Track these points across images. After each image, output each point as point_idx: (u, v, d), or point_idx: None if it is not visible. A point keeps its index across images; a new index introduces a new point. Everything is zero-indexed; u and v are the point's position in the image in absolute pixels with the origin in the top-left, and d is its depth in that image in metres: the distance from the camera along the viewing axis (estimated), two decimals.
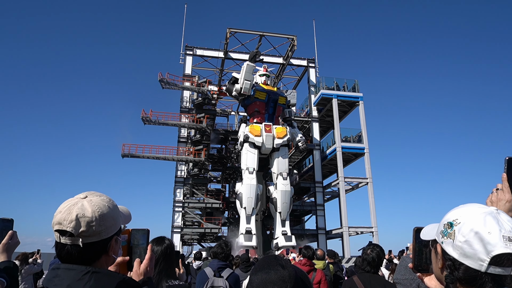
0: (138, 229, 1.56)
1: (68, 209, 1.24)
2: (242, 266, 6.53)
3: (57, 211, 1.27)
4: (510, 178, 1.28)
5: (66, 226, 1.21)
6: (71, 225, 1.21)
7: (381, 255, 3.61)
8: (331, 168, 34.91)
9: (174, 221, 28.87)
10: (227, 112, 39.15)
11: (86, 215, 1.23)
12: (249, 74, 23.52)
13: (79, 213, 1.23)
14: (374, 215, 29.94)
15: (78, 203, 1.26)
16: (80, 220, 1.22)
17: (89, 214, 1.24)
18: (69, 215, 1.22)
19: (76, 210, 1.23)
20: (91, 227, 1.23)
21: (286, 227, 23.43)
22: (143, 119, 27.67)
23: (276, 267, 1.31)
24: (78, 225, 1.21)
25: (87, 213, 1.24)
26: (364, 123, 32.35)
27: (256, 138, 23.81)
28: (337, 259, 8.70)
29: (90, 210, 1.25)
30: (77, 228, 1.21)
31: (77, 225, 1.21)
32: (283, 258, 1.43)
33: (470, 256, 0.95)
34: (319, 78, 34.57)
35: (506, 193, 1.27)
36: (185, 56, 33.16)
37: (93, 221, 1.24)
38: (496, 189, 1.31)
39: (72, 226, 1.21)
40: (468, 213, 1.00)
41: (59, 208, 1.28)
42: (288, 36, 30.77)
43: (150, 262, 1.50)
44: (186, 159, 29.28)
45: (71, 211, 1.23)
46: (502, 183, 1.29)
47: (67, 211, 1.24)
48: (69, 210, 1.24)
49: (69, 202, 1.28)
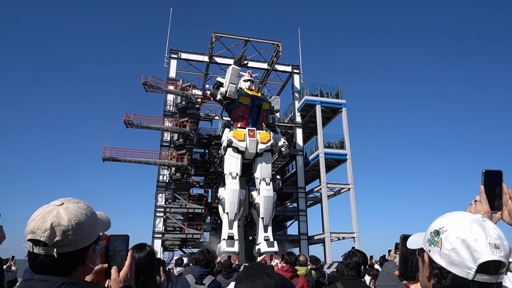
0: (117, 234, 1.49)
1: (42, 217, 1.17)
2: (224, 273, 6.45)
3: (30, 218, 1.19)
4: (487, 190, 1.32)
5: (40, 235, 1.13)
6: (45, 234, 1.13)
7: (364, 261, 3.62)
8: (314, 173, 35.15)
9: (155, 226, 28.43)
10: (211, 116, 39.00)
11: (61, 224, 1.16)
12: (234, 78, 23.52)
13: (54, 221, 1.15)
14: (355, 221, 30.24)
15: (53, 210, 1.19)
16: (55, 229, 1.15)
17: (65, 222, 1.17)
18: (43, 224, 1.15)
19: (51, 218, 1.16)
20: (67, 236, 1.16)
21: (268, 232, 23.39)
22: (126, 122, 27.24)
23: (262, 276, 1.29)
24: (53, 235, 1.14)
25: (62, 221, 1.16)
26: (347, 130, 32.78)
27: (239, 143, 23.76)
28: (319, 265, 8.71)
29: (66, 218, 1.17)
30: (52, 238, 1.14)
31: (51, 234, 1.14)
32: (269, 266, 1.40)
33: (457, 264, 0.94)
34: (303, 84, 34.90)
35: (484, 205, 1.30)
36: (170, 59, 32.93)
37: (69, 230, 1.16)
38: (474, 201, 1.34)
39: (47, 235, 1.13)
40: (454, 220, 1.01)
41: (33, 215, 1.20)
42: (273, 42, 30.98)
43: (130, 269, 1.45)
44: (169, 164, 28.95)
45: (45, 219, 1.16)
46: (480, 195, 1.33)
47: (41, 219, 1.16)
48: (44, 218, 1.16)
49: (44, 209, 1.20)
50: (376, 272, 7.00)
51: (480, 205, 1.31)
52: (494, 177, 1.32)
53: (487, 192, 1.31)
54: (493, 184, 1.32)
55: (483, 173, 1.33)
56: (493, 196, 1.31)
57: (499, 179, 1.32)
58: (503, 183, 1.33)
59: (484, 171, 1.33)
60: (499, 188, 1.32)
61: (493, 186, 1.32)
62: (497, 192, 1.32)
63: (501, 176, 1.33)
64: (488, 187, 1.32)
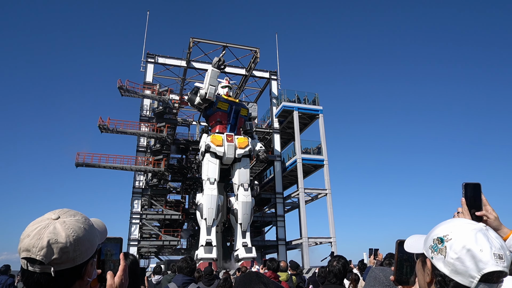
0: (110, 237, 1.42)
1: (37, 233, 1.07)
2: (205, 280, 6.38)
3: (24, 234, 1.09)
4: (468, 202, 1.38)
5: (36, 254, 1.05)
6: (42, 252, 1.05)
7: (346, 267, 3.68)
8: (291, 179, 35.39)
9: (130, 233, 27.78)
10: (188, 122, 38.63)
11: (59, 241, 1.07)
12: (214, 80, 23.39)
13: (51, 238, 1.07)
14: (332, 226, 30.60)
15: (49, 225, 1.10)
16: (53, 247, 1.06)
17: (63, 239, 1.08)
18: (39, 241, 1.06)
19: (47, 235, 1.07)
20: (65, 254, 1.08)
21: (246, 238, 23.29)
22: (100, 127, 26.55)
23: (258, 285, 1.30)
24: (50, 253, 1.06)
25: (60, 238, 1.08)
26: (324, 136, 33.24)
27: (217, 148, 23.63)
28: (299, 271, 8.75)
29: (64, 235, 1.09)
30: (49, 256, 1.05)
31: (48, 252, 1.05)
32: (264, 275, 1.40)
33: (461, 273, 0.96)
34: (281, 90, 35.21)
35: (467, 216, 1.36)
36: (146, 63, 32.48)
37: (67, 247, 1.08)
38: (457, 213, 1.40)
39: (43, 254, 1.05)
40: (459, 229, 1.02)
41: (26, 230, 1.10)
42: (251, 48, 31.10)
43: (124, 273, 1.39)
44: (145, 169, 28.43)
45: (41, 235, 1.07)
46: (462, 207, 1.39)
47: (36, 235, 1.07)
48: (39, 234, 1.07)
49: (39, 224, 1.11)
50: (355, 276, 7.09)
51: (463, 216, 1.36)
52: (474, 189, 1.40)
53: (468, 203, 1.38)
54: (474, 196, 1.39)
55: (464, 186, 1.40)
56: (474, 207, 1.38)
57: (478, 191, 1.40)
58: (481, 195, 1.40)
59: (464, 184, 1.40)
60: (479, 199, 1.39)
61: (473, 198, 1.39)
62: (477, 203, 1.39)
63: (480, 188, 1.40)
64: (469, 199, 1.39)
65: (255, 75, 35.27)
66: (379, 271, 2.23)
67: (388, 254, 5.31)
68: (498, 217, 1.40)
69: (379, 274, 2.20)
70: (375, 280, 2.24)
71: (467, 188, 1.39)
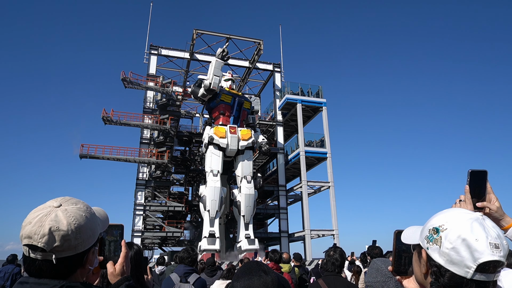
0: (112, 224, 1.42)
1: (39, 221, 1.08)
2: (208, 271, 6.43)
3: (25, 221, 1.10)
4: (472, 190, 1.32)
5: (38, 241, 1.06)
6: (43, 240, 1.06)
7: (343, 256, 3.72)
8: (294, 172, 35.43)
9: (134, 225, 28.00)
10: (191, 114, 38.65)
11: (61, 228, 1.08)
12: (218, 70, 23.43)
13: (52, 225, 1.07)
14: (335, 218, 30.68)
15: (51, 213, 1.10)
16: (54, 234, 1.07)
17: (64, 227, 1.09)
18: (40, 228, 1.07)
19: (49, 222, 1.08)
20: (66, 242, 1.08)
21: (249, 230, 23.42)
22: (104, 119, 26.63)
23: (259, 273, 1.31)
24: (51, 240, 1.06)
25: (61, 225, 1.08)
26: (327, 128, 33.17)
27: (221, 140, 23.67)
28: (302, 262, 8.80)
29: (65, 222, 1.09)
30: (50, 243, 1.06)
31: (50, 239, 1.06)
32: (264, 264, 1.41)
33: (457, 263, 0.94)
34: (284, 83, 35.06)
35: (469, 205, 1.31)
36: (150, 55, 32.39)
37: (69, 234, 1.09)
38: (459, 200, 1.35)
39: (45, 241, 1.06)
40: (454, 219, 1.00)
41: (28, 217, 1.10)
42: (255, 40, 30.92)
43: (126, 260, 1.40)
44: (149, 161, 28.54)
45: (43, 223, 1.07)
46: (465, 195, 1.33)
47: (38, 222, 1.08)
48: (41, 221, 1.08)
49: (40, 211, 1.12)
50: (357, 268, 7.13)
51: (465, 205, 1.31)
52: (479, 177, 1.33)
53: (472, 191, 1.32)
54: (478, 184, 1.33)
55: (469, 173, 1.33)
56: (478, 195, 1.32)
57: (484, 179, 1.34)
58: (487, 183, 1.34)
59: (470, 171, 1.33)
60: (483, 187, 1.33)
61: (478, 186, 1.33)
62: (482, 191, 1.33)
63: (486, 176, 1.34)
64: (473, 187, 1.33)
65: (259, 67, 35.10)
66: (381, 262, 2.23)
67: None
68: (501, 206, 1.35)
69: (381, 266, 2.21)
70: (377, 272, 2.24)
71: (473, 176, 1.33)
